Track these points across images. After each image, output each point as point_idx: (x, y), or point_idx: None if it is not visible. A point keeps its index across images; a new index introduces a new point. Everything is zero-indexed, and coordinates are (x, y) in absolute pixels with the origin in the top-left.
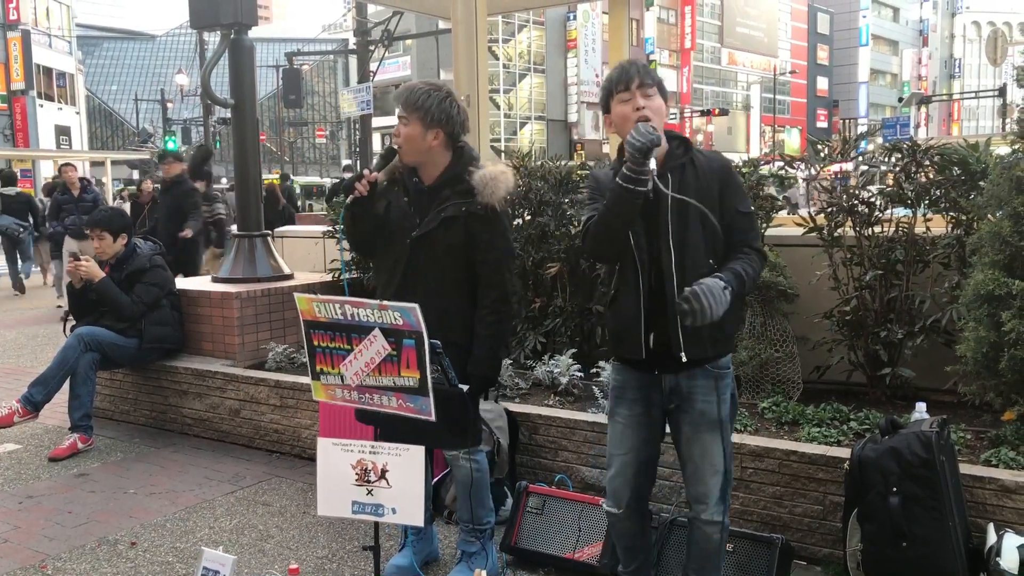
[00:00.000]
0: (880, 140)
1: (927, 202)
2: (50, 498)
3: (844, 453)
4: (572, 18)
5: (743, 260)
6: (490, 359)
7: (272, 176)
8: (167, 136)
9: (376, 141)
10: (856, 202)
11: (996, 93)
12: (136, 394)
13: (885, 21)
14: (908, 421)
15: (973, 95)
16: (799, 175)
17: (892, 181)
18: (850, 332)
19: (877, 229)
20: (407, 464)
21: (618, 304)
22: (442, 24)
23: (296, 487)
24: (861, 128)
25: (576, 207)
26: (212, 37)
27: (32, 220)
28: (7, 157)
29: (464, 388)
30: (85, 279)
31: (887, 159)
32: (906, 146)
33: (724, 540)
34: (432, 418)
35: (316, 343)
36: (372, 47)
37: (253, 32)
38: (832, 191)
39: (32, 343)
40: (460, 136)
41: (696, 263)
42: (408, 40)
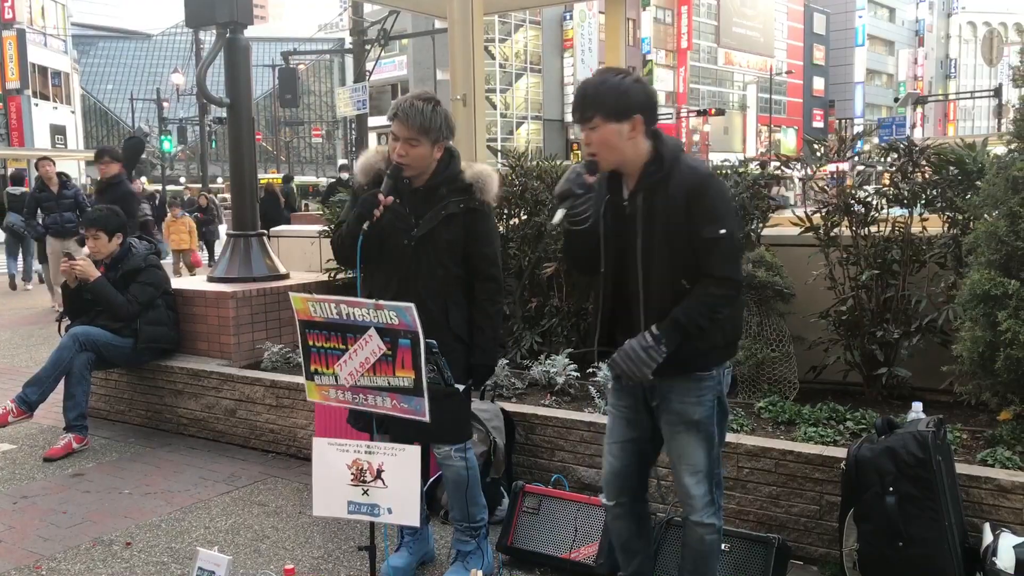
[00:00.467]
0: (876, 140)
1: (923, 202)
2: (45, 498)
3: (840, 453)
4: (568, 18)
5: (691, 298)
6: (495, 348)
7: (268, 176)
8: (163, 135)
9: (372, 140)
10: (852, 202)
11: (992, 93)
12: (131, 394)
13: (881, 21)
14: (904, 421)
15: (969, 95)
16: (795, 175)
17: (888, 181)
18: (846, 332)
19: (873, 229)
20: (403, 464)
21: (595, 306)
22: (438, 23)
23: (292, 487)
24: (857, 128)
25: None
26: (208, 36)
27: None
28: (2, 156)
29: (460, 388)
30: (80, 279)
31: (884, 159)
32: (903, 146)
33: (717, 543)
34: (426, 419)
35: (311, 343)
36: (368, 46)
37: (249, 31)
38: (826, 191)
39: (27, 343)
40: None
41: (662, 284)
42: (404, 40)
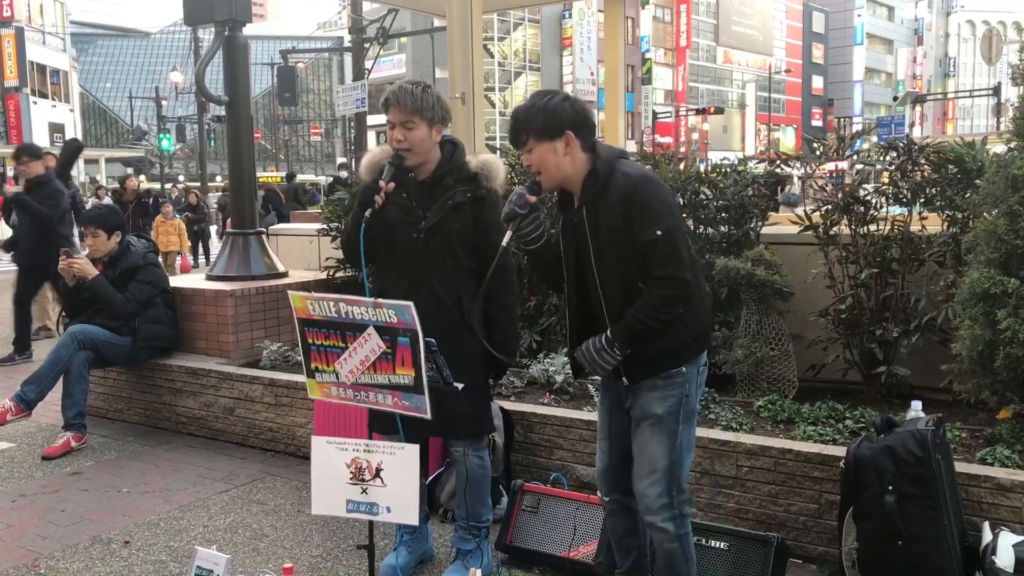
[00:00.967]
0: (875, 139)
1: (923, 200)
2: (43, 497)
3: (840, 452)
4: (567, 16)
5: (639, 303)
6: (512, 339)
7: (267, 175)
8: (161, 134)
9: (371, 139)
10: (852, 200)
11: (991, 92)
12: (130, 392)
13: (880, 20)
14: (904, 420)
15: (968, 94)
16: (795, 173)
17: (888, 179)
18: (846, 330)
19: (873, 227)
20: (402, 463)
21: (564, 318)
22: (437, 22)
23: (290, 486)
24: (856, 127)
25: None
26: (207, 34)
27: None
28: (0, 155)
29: (459, 386)
30: (78, 277)
31: (883, 157)
32: (902, 145)
33: (679, 552)
34: (428, 416)
35: (311, 341)
36: (367, 45)
37: (248, 29)
38: (826, 189)
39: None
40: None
41: (618, 288)
42: (403, 38)
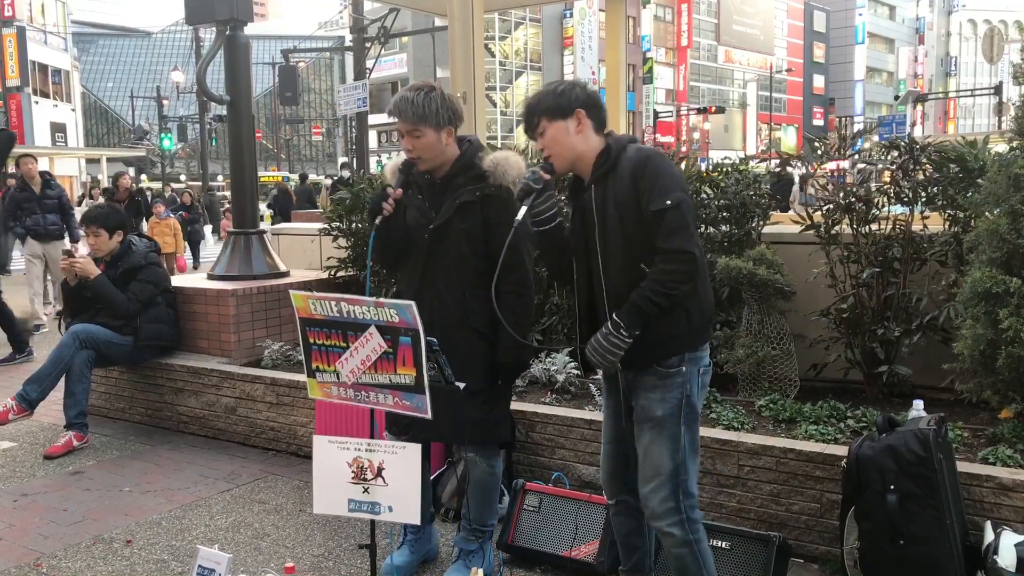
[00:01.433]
0: (876, 138)
1: (924, 199)
2: (45, 496)
3: (841, 451)
4: (568, 16)
5: (647, 280)
6: (519, 344)
7: (269, 174)
8: (163, 133)
9: (372, 138)
10: (853, 200)
11: (992, 91)
12: (131, 392)
13: (881, 19)
14: (905, 419)
15: (969, 93)
16: (796, 173)
17: (889, 179)
18: (847, 330)
19: (874, 227)
20: (404, 462)
21: (573, 315)
22: (438, 21)
23: (292, 485)
24: (857, 126)
25: None
26: (208, 34)
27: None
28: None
29: (461, 385)
30: (80, 276)
31: (885, 157)
32: (904, 144)
33: (689, 556)
34: (428, 416)
35: (312, 340)
36: (368, 44)
37: (249, 29)
38: (827, 189)
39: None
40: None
41: (621, 273)
42: (404, 37)
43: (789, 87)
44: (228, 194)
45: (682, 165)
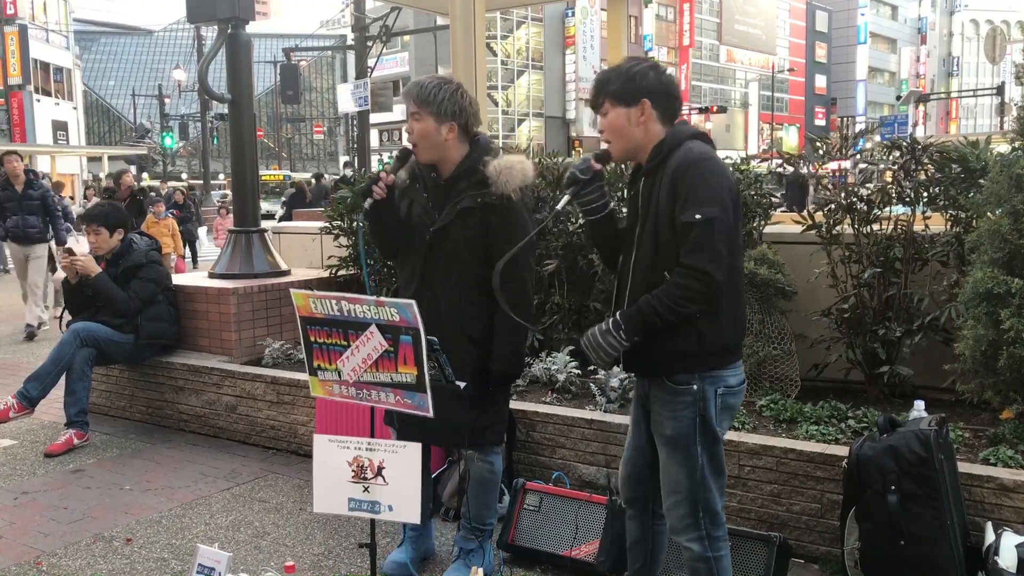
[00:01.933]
0: (878, 138)
1: (926, 200)
2: (45, 494)
3: (842, 451)
4: (570, 15)
5: (659, 289)
6: (511, 354)
7: (270, 172)
8: (164, 132)
9: (374, 137)
10: (855, 200)
11: (994, 91)
12: (132, 390)
13: (883, 19)
14: (906, 419)
15: (971, 93)
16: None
17: (891, 178)
18: (848, 330)
19: (876, 227)
20: (404, 461)
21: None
22: (440, 20)
23: (292, 484)
24: (859, 126)
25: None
26: (209, 32)
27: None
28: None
29: (462, 385)
30: (81, 274)
31: (887, 157)
32: (905, 144)
33: (709, 572)
34: (430, 414)
35: (313, 339)
36: (370, 43)
37: (251, 27)
38: (829, 189)
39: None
40: (474, 127)
41: (644, 275)
42: (406, 36)
43: (791, 87)
44: (227, 192)
45: None
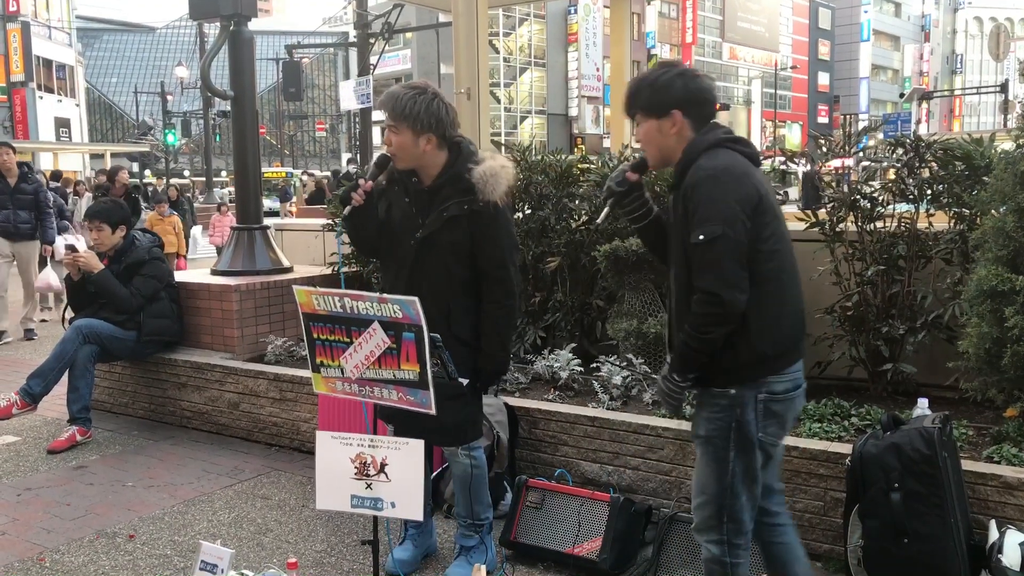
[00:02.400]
0: (881, 136)
1: (929, 197)
2: (48, 490)
3: (845, 449)
4: (573, 12)
5: (687, 323)
6: (499, 354)
7: (272, 169)
8: (167, 129)
9: (376, 135)
10: (858, 197)
11: (998, 89)
12: (135, 387)
13: (887, 16)
14: (910, 417)
15: (975, 91)
16: (800, 170)
17: (894, 176)
18: (852, 328)
19: (879, 224)
20: (406, 458)
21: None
22: (443, 17)
23: (295, 481)
24: (862, 123)
25: (576, 201)
26: (212, 29)
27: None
28: None
29: (464, 382)
30: (84, 271)
31: (890, 154)
32: (909, 141)
33: (726, 570)
34: (432, 411)
35: (316, 336)
36: (372, 40)
37: (253, 24)
38: (832, 186)
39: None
40: (452, 135)
41: (680, 288)
42: (408, 33)
43: (794, 84)
44: (230, 190)
45: None
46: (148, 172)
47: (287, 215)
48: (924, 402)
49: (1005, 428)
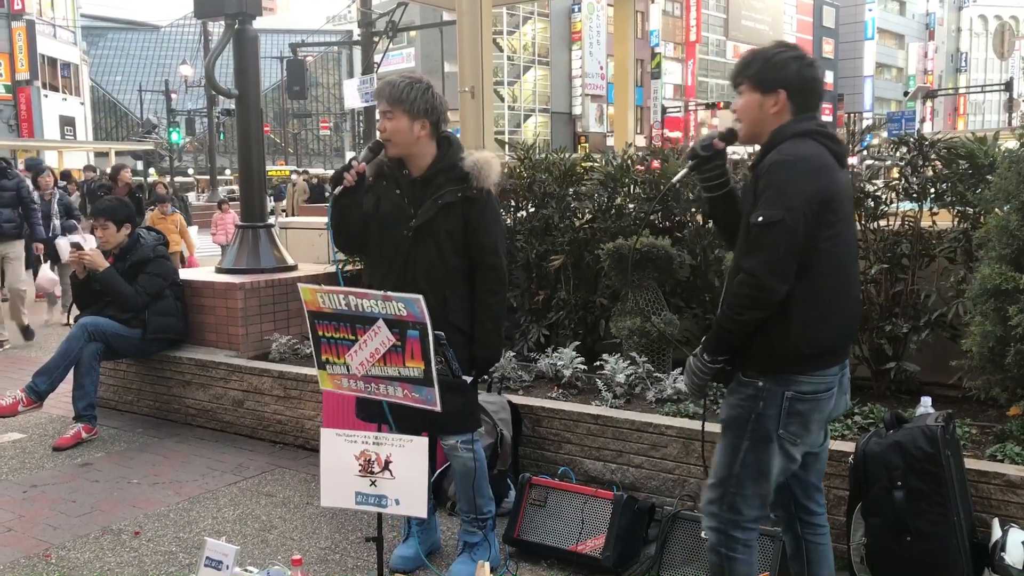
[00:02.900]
0: (885, 134)
1: (933, 196)
2: (54, 487)
3: (848, 447)
4: (577, 10)
5: (724, 301)
6: (495, 339)
7: (276, 167)
8: (171, 127)
9: (379, 133)
10: (862, 195)
11: (1003, 87)
12: (140, 384)
13: (891, 15)
14: (913, 415)
15: (979, 89)
16: None
17: (897, 174)
18: None
19: (883, 223)
20: (410, 455)
21: None
22: (447, 16)
23: (299, 478)
24: (866, 122)
25: (579, 200)
26: (216, 28)
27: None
28: (11, 148)
29: (468, 379)
30: (89, 269)
31: (894, 153)
32: (913, 140)
33: (719, 567)
34: (438, 408)
35: (321, 333)
36: (376, 38)
37: (257, 23)
38: None
39: (36, 332)
40: (443, 126)
41: (734, 273)
42: (412, 32)
43: None
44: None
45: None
46: (152, 170)
47: (280, 215)
48: (927, 400)
49: (1008, 426)
